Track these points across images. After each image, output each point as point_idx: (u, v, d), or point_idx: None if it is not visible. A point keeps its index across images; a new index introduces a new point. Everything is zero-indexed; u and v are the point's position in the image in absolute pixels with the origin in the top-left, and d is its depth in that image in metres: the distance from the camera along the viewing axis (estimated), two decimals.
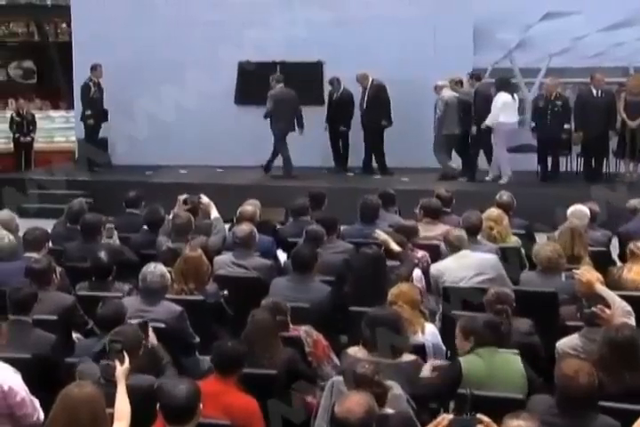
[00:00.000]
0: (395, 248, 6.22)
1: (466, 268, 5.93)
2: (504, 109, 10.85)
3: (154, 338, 4.75)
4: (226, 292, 5.88)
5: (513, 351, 4.59)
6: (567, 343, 4.74)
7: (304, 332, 5.05)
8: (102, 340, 4.66)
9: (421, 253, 6.38)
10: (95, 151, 12.21)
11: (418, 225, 6.83)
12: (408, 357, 4.58)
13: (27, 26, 19.06)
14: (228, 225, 7.11)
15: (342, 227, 7.28)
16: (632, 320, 4.73)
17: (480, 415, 3.59)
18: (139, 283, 5.42)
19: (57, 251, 6.58)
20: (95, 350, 4.55)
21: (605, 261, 6.61)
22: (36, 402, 4.17)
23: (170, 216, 6.90)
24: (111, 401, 3.91)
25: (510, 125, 11.00)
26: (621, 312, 4.74)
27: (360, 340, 4.66)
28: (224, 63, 12.30)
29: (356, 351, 4.62)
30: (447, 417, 3.63)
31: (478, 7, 12.06)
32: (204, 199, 7.15)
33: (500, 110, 10.84)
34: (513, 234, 6.97)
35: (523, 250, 6.70)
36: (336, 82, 11.99)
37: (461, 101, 11.39)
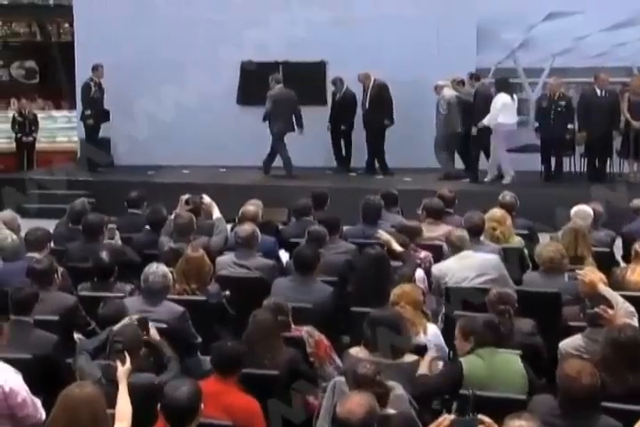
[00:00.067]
0: (397, 248, 6.20)
1: (468, 268, 5.91)
2: (503, 110, 10.82)
3: (156, 334, 4.74)
4: (228, 292, 5.87)
5: (513, 352, 4.57)
6: (570, 344, 4.73)
7: (306, 332, 5.03)
8: (99, 336, 4.68)
9: (424, 253, 6.36)
10: (95, 151, 12.18)
11: (421, 225, 6.82)
12: (410, 357, 4.57)
13: (29, 26, 19.04)
14: (231, 225, 7.10)
15: (345, 227, 7.27)
16: (635, 321, 4.71)
17: (481, 416, 3.59)
18: (141, 283, 5.41)
19: (59, 251, 6.57)
20: (91, 347, 4.56)
21: (609, 261, 6.59)
22: (38, 402, 4.16)
23: (172, 216, 6.89)
24: (112, 401, 3.91)
25: (509, 126, 10.96)
26: (624, 313, 4.72)
27: (362, 340, 4.64)
28: (227, 63, 12.28)
29: (358, 352, 4.61)
30: (448, 418, 3.63)
31: (481, 7, 12.04)
32: (206, 199, 7.13)
33: (500, 111, 10.81)
34: (516, 234, 6.94)
35: (526, 250, 6.68)
36: (339, 82, 11.96)
37: (462, 101, 11.38)
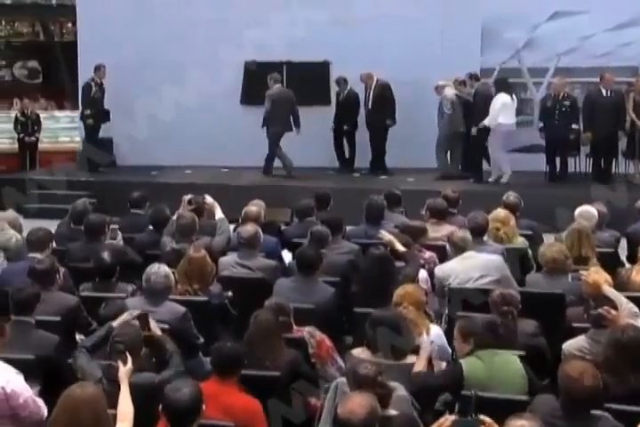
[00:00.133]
0: (400, 249, 6.18)
1: (471, 269, 5.88)
2: (503, 110, 10.80)
3: (157, 329, 4.72)
4: (230, 293, 5.85)
5: (513, 352, 4.55)
6: (573, 345, 4.71)
7: (307, 333, 5.01)
8: (98, 333, 4.68)
9: (429, 253, 6.34)
10: (96, 151, 12.15)
11: (426, 225, 6.79)
12: (412, 358, 4.56)
13: (32, 25, 19.02)
14: (233, 226, 7.08)
15: (348, 227, 7.24)
16: (639, 322, 4.68)
17: (482, 417, 3.57)
18: (142, 284, 5.39)
19: (60, 251, 6.55)
20: (88, 344, 4.55)
21: (613, 262, 6.55)
22: (40, 401, 4.15)
23: (174, 217, 6.87)
24: (114, 402, 3.90)
25: (509, 126, 10.94)
26: (628, 314, 4.71)
27: (364, 341, 4.62)
28: (229, 63, 12.25)
29: (360, 352, 4.60)
30: (450, 418, 3.62)
31: (485, 7, 12.00)
32: (209, 200, 7.12)
33: (500, 111, 10.78)
34: (520, 235, 6.91)
35: (530, 251, 6.65)
36: (342, 82, 11.95)
37: (464, 101, 11.37)
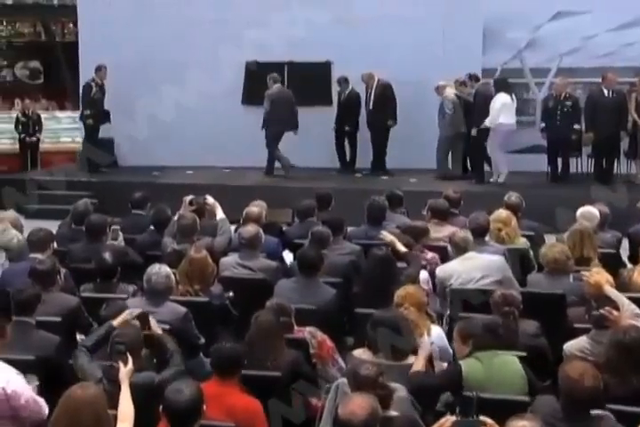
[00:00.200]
0: (401, 249, 6.17)
1: (472, 270, 5.87)
2: (503, 110, 10.78)
3: (158, 328, 4.72)
4: (231, 293, 5.84)
5: (513, 353, 4.54)
6: (575, 346, 4.70)
7: (308, 333, 5.00)
8: (97, 332, 4.68)
9: (431, 254, 6.33)
10: (95, 151, 12.14)
11: (428, 226, 6.78)
12: (413, 359, 4.53)
13: (33, 26, 19.05)
14: (235, 226, 7.07)
15: (349, 228, 7.23)
16: None
17: (483, 418, 3.56)
18: (143, 284, 5.38)
19: (61, 252, 6.55)
20: (88, 344, 4.55)
21: (615, 263, 6.53)
22: (41, 400, 4.14)
23: (175, 217, 6.86)
24: (114, 402, 3.90)
25: (509, 126, 10.92)
26: (630, 314, 4.70)
27: (365, 342, 4.61)
28: (230, 63, 12.24)
29: (361, 353, 4.59)
30: (450, 419, 3.61)
31: (487, 7, 11.96)
32: (210, 200, 7.12)
33: (500, 111, 10.76)
34: (521, 235, 6.89)
35: (531, 251, 6.64)
36: (343, 81, 11.92)
37: (465, 102, 11.37)
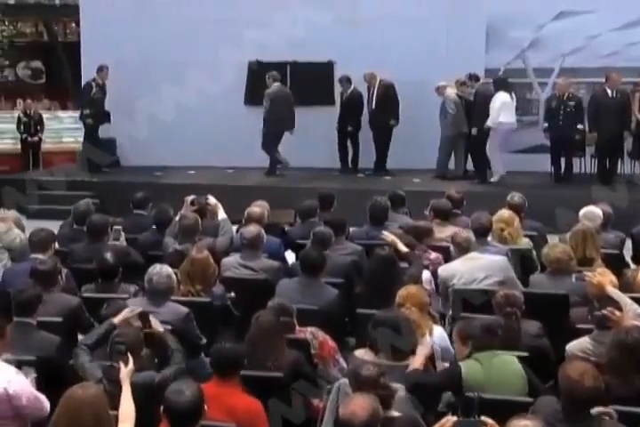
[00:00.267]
0: (403, 249, 6.15)
1: (475, 270, 5.85)
2: (503, 109, 10.76)
3: (159, 326, 4.71)
4: (233, 294, 5.83)
5: (514, 353, 4.52)
6: (577, 346, 4.69)
7: (310, 333, 4.99)
8: (97, 330, 4.67)
9: (434, 254, 6.32)
10: (95, 151, 12.11)
11: (432, 226, 6.76)
12: None
13: (35, 26, 19.07)
14: (236, 226, 7.06)
15: (351, 228, 7.22)
16: None
17: (484, 418, 3.55)
18: (144, 284, 5.37)
19: (63, 252, 6.55)
20: (89, 342, 4.55)
21: (618, 263, 6.50)
22: (42, 397, 4.14)
23: (177, 217, 6.85)
24: (115, 402, 3.89)
25: (510, 125, 10.92)
26: (632, 315, 4.69)
27: (367, 342, 4.60)
28: (233, 63, 12.22)
29: (363, 354, 4.57)
30: (451, 419, 3.60)
31: (490, 6, 11.93)
32: (212, 200, 7.10)
33: (500, 110, 10.75)
34: (524, 236, 6.87)
35: (534, 252, 6.62)
36: (345, 81, 11.89)
37: (466, 102, 11.37)
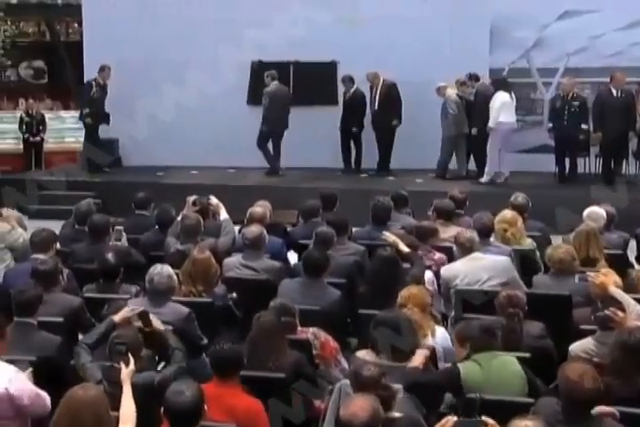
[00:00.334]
0: (404, 250, 6.13)
1: (478, 271, 5.83)
2: (503, 109, 10.74)
3: (160, 324, 4.70)
4: (234, 294, 5.82)
5: (516, 354, 4.50)
6: (580, 347, 4.67)
7: (312, 334, 4.98)
8: (98, 329, 4.66)
9: (438, 255, 6.30)
10: (95, 151, 12.10)
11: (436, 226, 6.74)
12: None
13: (37, 25, 19.05)
14: (239, 227, 7.05)
15: (354, 229, 7.20)
16: None
17: (485, 418, 3.53)
18: (145, 284, 5.36)
19: (64, 252, 6.55)
20: (89, 341, 4.54)
21: (622, 263, 6.48)
22: (43, 394, 4.13)
23: (179, 218, 6.84)
24: (116, 403, 3.88)
25: (510, 125, 10.90)
26: (635, 316, 4.67)
27: (369, 343, 4.58)
28: (236, 63, 12.19)
29: (365, 354, 4.55)
30: (452, 419, 3.57)
31: (494, 6, 11.89)
32: (214, 200, 7.09)
33: (499, 110, 10.72)
34: (528, 236, 6.84)
35: (537, 252, 6.59)
36: (348, 80, 11.86)
37: (466, 102, 11.36)
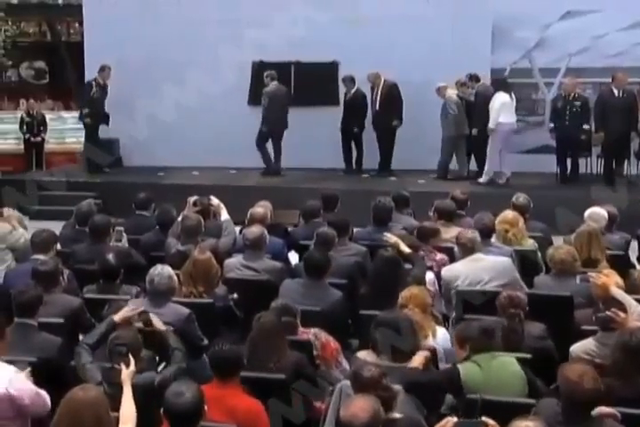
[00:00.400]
0: (405, 250, 6.12)
1: (479, 272, 5.82)
2: (503, 109, 10.73)
3: (160, 324, 4.70)
4: (235, 295, 5.81)
5: (516, 355, 4.49)
6: (581, 348, 4.66)
7: (313, 334, 4.97)
8: (98, 329, 4.66)
9: (440, 255, 6.29)
10: (95, 152, 12.09)
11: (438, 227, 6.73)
12: None
13: (38, 25, 19.08)
14: (239, 227, 7.04)
15: (355, 229, 7.19)
16: None
17: (485, 419, 3.52)
18: (146, 285, 5.35)
19: (65, 253, 6.54)
20: (90, 342, 4.55)
21: (624, 264, 6.47)
22: (43, 394, 4.14)
23: (180, 218, 6.84)
24: (116, 404, 3.88)
25: (510, 125, 10.89)
26: (637, 316, 4.66)
27: (370, 343, 4.57)
28: (237, 64, 12.20)
29: (366, 355, 4.55)
30: (452, 420, 3.57)
31: (496, 6, 11.87)
32: (215, 201, 7.08)
33: (499, 111, 10.71)
34: (529, 237, 6.83)
35: (539, 253, 6.58)
36: (349, 80, 11.84)
37: (466, 102, 11.36)
